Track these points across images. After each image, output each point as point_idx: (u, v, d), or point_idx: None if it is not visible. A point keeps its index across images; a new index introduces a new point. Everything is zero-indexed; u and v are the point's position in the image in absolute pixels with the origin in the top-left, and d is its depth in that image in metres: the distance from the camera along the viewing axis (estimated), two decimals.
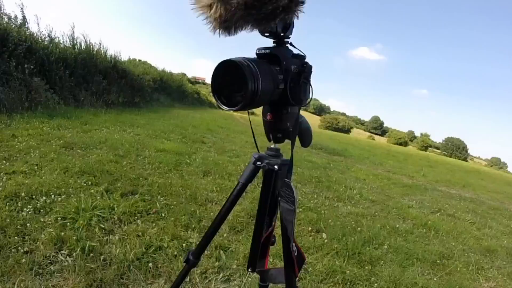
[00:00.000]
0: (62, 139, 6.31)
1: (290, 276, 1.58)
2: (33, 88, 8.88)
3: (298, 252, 1.54)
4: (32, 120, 7.22)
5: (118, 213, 3.83)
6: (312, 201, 6.10)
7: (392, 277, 3.64)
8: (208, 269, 3.18)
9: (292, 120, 1.46)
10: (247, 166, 1.60)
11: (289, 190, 1.45)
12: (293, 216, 1.47)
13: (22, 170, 4.37)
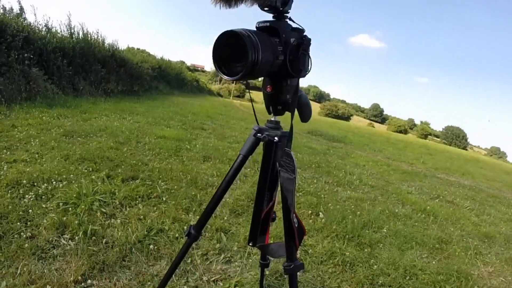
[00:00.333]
0: (62, 128, 6.31)
1: (291, 248, 1.60)
2: (31, 79, 8.86)
3: (299, 224, 1.56)
4: (32, 110, 7.21)
5: (119, 197, 3.85)
6: (312, 186, 6.13)
7: (391, 259, 3.67)
8: (209, 250, 3.21)
9: (292, 92, 1.48)
10: (247, 139, 1.63)
11: (289, 159, 1.48)
12: (293, 185, 1.49)
13: (23, 159, 4.38)
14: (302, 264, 1.61)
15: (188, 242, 1.78)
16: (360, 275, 3.27)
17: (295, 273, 1.62)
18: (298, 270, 1.61)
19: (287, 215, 1.54)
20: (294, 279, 1.63)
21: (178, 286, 2.63)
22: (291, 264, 1.59)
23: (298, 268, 1.61)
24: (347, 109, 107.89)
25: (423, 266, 3.69)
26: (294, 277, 1.63)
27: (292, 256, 1.60)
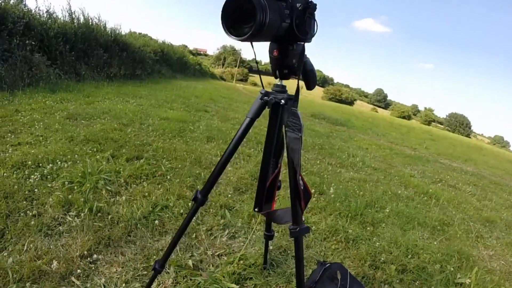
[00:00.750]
0: (66, 111, 6.31)
1: (297, 211, 1.62)
2: (34, 65, 8.83)
3: (305, 187, 1.58)
4: (35, 95, 7.20)
5: (124, 176, 3.89)
6: (315, 167, 6.18)
7: (394, 238, 3.71)
8: (213, 226, 3.25)
9: (297, 56, 1.50)
10: (254, 102, 1.64)
11: (296, 118, 1.50)
12: (299, 144, 1.51)
13: (27, 141, 4.39)
14: (308, 227, 1.63)
15: (195, 207, 1.78)
16: (363, 252, 3.31)
17: (300, 237, 1.64)
18: (303, 234, 1.63)
19: (293, 176, 1.56)
20: (299, 242, 1.65)
21: (183, 259, 2.66)
22: (296, 227, 1.61)
23: (303, 232, 1.63)
24: (350, 94, 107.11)
25: (424, 246, 3.73)
26: (300, 241, 1.65)
27: (298, 219, 1.61)
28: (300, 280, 1.68)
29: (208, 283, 2.38)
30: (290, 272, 2.76)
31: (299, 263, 1.67)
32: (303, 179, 1.58)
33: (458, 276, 3.17)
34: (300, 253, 1.66)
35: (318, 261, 2.71)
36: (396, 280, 2.97)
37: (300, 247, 1.65)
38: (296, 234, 1.62)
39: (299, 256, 1.66)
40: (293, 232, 1.62)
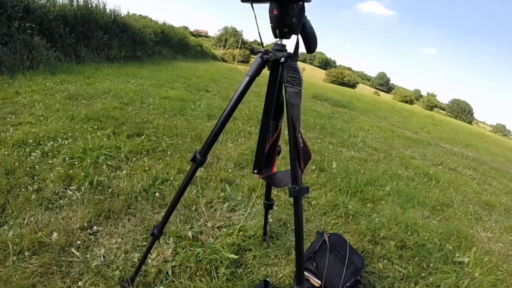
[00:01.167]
0: (66, 92, 6.28)
1: (296, 171, 1.61)
2: (34, 48, 8.77)
3: (304, 146, 1.57)
4: (35, 78, 7.13)
5: (124, 151, 3.90)
6: (316, 145, 6.22)
7: (393, 215, 3.73)
8: (213, 199, 3.28)
9: (297, 16, 1.49)
10: (254, 61, 1.63)
11: (295, 72, 1.50)
12: (299, 99, 1.50)
13: (28, 121, 4.38)
14: (307, 188, 1.61)
15: (193, 167, 1.78)
16: (362, 227, 3.33)
17: (300, 196, 1.62)
18: (303, 194, 1.61)
19: (293, 133, 1.55)
20: (299, 202, 1.63)
21: (183, 231, 2.68)
22: (296, 186, 1.59)
23: (303, 192, 1.61)
24: (353, 77, 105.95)
25: (424, 224, 3.75)
26: (299, 201, 1.63)
27: (297, 179, 1.60)
28: (299, 240, 1.67)
29: (207, 253, 2.40)
30: (290, 245, 2.78)
31: (298, 222, 1.64)
32: (302, 138, 1.56)
33: (456, 255, 3.18)
34: (299, 213, 1.63)
35: (318, 231, 2.72)
36: (395, 256, 2.99)
37: (299, 207, 1.63)
38: (295, 193, 1.60)
39: (298, 216, 1.63)
40: (292, 192, 1.60)
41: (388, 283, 2.62)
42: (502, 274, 3.11)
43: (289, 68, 1.53)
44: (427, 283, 2.71)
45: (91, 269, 2.12)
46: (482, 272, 2.97)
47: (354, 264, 2.38)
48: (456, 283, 2.73)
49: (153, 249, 2.38)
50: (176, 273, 2.24)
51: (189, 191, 3.30)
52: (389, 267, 2.84)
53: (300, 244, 1.68)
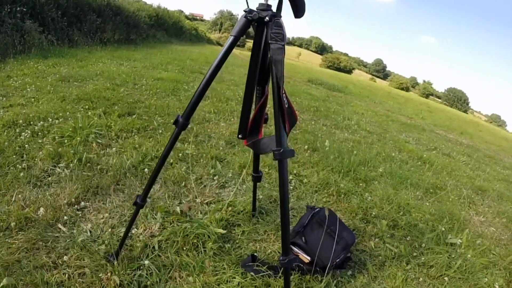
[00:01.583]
0: (58, 74, 6.20)
1: (281, 132, 1.55)
2: (25, 32, 8.65)
3: (289, 107, 1.52)
4: (27, 62, 7.01)
5: (115, 130, 3.87)
6: (309, 126, 6.18)
7: (386, 195, 3.71)
8: (203, 175, 3.25)
9: None
10: (238, 21, 1.59)
11: (278, 27, 1.46)
12: (282, 55, 1.46)
13: (19, 103, 4.31)
14: (293, 151, 1.55)
15: (176, 131, 1.72)
16: (354, 206, 3.31)
17: (284, 159, 1.56)
18: (288, 156, 1.55)
19: (277, 92, 1.50)
20: (283, 165, 1.57)
21: (171, 206, 2.66)
22: (280, 149, 1.53)
23: (288, 154, 1.55)
24: (349, 63, 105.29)
25: (416, 205, 3.73)
26: (284, 164, 1.57)
27: (282, 141, 1.54)
28: (285, 206, 1.61)
29: (194, 227, 2.37)
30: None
31: (283, 187, 1.57)
32: (287, 98, 1.51)
33: (449, 236, 3.15)
34: (284, 176, 1.57)
35: (308, 205, 2.69)
36: (387, 235, 2.96)
37: (284, 170, 1.57)
38: (280, 156, 1.55)
39: (283, 180, 1.57)
40: (276, 154, 1.54)
41: (379, 262, 2.59)
42: (495, 257, 3.09)
43: (273, 23, 1.48)
44: (418, 262, 2.69)
45: (77, 244, 2.08)
46: (474, 254, 2.94)
47: (344, 239, 2.34)
48: (448, 264, 2.71)
49: (140, 224, 2.37)
50: (163, 247, 2.22)
51: (179, 168, 3.27)
52: (381, 245, 2.82)
53: (285, 210, 1.62)
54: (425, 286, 2.46)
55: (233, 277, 2.04)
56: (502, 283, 2.66)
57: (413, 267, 2.63)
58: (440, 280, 2.53)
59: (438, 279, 2.55)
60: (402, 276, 2.45)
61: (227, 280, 2.02)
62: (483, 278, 2.63)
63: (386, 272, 2.50)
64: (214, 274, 2.06)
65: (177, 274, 2.03)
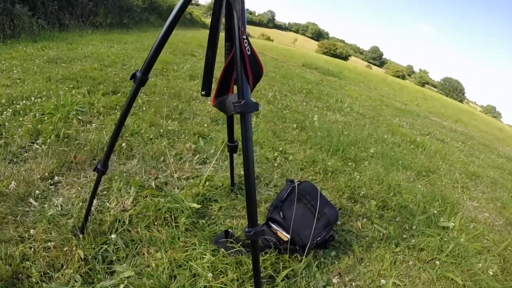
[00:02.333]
0: (46, 56, 6.05)
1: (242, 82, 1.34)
2: (15, 16, 8.51)
3: (253, 54, 1.33)
4: (16, 46, 6.83)
5: (97, 107, 3.76)
6: (300, 107, 6.08)
7: (376, 175, 3.60)
8: (183, 151, 3.15)
9: None
10: None
11: None
12: None
13: (4, 84, 4.16)
14: (257, 104, 1.34)
15: (134, 87, 1.63)
16: (342, 184, 3.21)
17: (247, 113, 1.33)
18: (252, 110, 1.33)
19: (238, 36, 1.33)
20: (246, 121, 1.34)
21: (147, 181, 2.56)
22: (241, 101, 1.32)
23: (251, 107, 1.33)
24: (345, 49, 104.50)
25: (408, 187, 3.63)
26: (247, 119, 1.34)
27: (244, 93, 1.33)
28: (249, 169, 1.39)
29: (167, 202, 2.26)
30: (261, 198, 2.67)
31: (247, 145, 1.35)
32: (251, 45, 1.32)
33: (441, 219, 3.05)
34: (247, 133, 1.34)
35: (287, 178, 2.54)
36: (376, 215, 2.86)
37: (247, 127, 1.34)
38: (241, 108, 1.32)
39: (246, 137, 1.34)
40: (237, 107, 1.32)
41: (366, 243, 2.48)
42: (488, 242, 2.99)
43: None
44: (408, 245, 2.58)
45: (46, 218, 1.99)
46: (467, 238, 2.84)
47: (326, 216, 2.18)
48: (440, 247, 2.60)
49: (113, 198, 2.27)
50: (134, 222, 2.12)
51: (158, 143, 3.18)
52: (369, 226, 2.71)
53: (249, 174, 1.41)
54: (415, 269, 2.34)
55: (203, 254, 1.93)
56: (496, 269, 2.55)
57: (403, 249, 2.51)
58: (431, 264, 2.42)
59: (429, 263, 2.44)
60: (391, 259, 2.34)
61: (197, 257, 1.91)
62: (476, 264, 2.52)
63: (373, 254, 2.38)
64: (184, 250, 1.96)
65: (145, 249, 1.93)
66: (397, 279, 2.19)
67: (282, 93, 7.06)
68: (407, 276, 2.26)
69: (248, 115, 1.34)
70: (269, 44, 33.21)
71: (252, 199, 1.45)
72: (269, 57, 16.48)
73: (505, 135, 20.31)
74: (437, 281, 2.27)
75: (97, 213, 2.13)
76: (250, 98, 1.36)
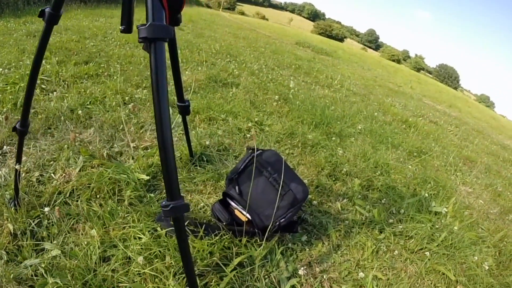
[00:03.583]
0: (26, 30, 5.74)
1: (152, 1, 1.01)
2: None
3: None
4: None
5: (65, 76, 3.49)
6: (286, 81, 5.77)
7: (362, 152, 3.35)
8: (146, 119, 2.93)
9: None
10: None
11: None
12: None
13: None
14: (171, 29, 1.02)
15: (45, 25, 1.33)
16: (321, 159, 2.94)
17: (158, 41, 0.98)
18: (163, 36, 0.99)
19: None
20: (157, 51, 0.98)
21: (99, 150, 2.32)
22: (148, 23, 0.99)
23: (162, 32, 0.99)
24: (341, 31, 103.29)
25: (397, 167, 3.38)
26: (159, 49, 0.99)
27: (156, 15, 1.01)
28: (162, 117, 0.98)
29: (114, 172, 2.00)
30: (225, 171, 2.38)
31: (157, 80, 0.99)
32: None
33: (432, 204, 2.75)
34: (158, 67, 0.99)
35: (248, 146, 2.20)
36: (359, 196, 2.58)
37: (157, 57, 1.00)
38: (149, 34, 0.98)
39: (157, 72, 0.99)
40: (141, 31, 0.98)
41: (345, 227, 2.17)
42: (483, 232, 2.71)
43: None
44: (395, 231, 2.27)
45: None
46: (461, 226, 2.55)
47: (291, 193, 1.81)
48: (431, 235, 2.31)
49: (58, 169, 2.03)
50: (75, 194, 1.86)
51: (120, 111, 2.90)
52: (349, 208, 2.42)
53: (164, 123, 1.00)
54: (400, 261, 2.04)
55: (143, 232, 1.66)
56: (492, 263, 2.23)
57: (388, 236, 2.21)
58: (420, 255, 2.12)
59: (417, 253, 2.14)
60: (373, 247, 2.04)
61: (133, 237, 1.64)
62: (471, 256, 2.22)
63: (353, 240, 2.08)
64: (122, 227, 1.69)
65: (81, 226, 1.68)
66: (379, 271, 1.90)
67: (269, 67, 6.78)
68: (391, 269, 1.96)
69: (159, 43, 1.00)
70: (264, 23, 32.85)
71: (169, 162, 1.04)
72: (261, 34, 16.14)
73: (498, 123, 20.27)
74: (426, 276, 1.98)
75: (38, 185, 1.90)
76: (164, 22, 1.02)
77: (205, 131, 2.85)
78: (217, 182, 2.25)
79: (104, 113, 2.83)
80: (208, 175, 2.28)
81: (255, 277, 1.63)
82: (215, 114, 3.30)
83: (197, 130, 2.91)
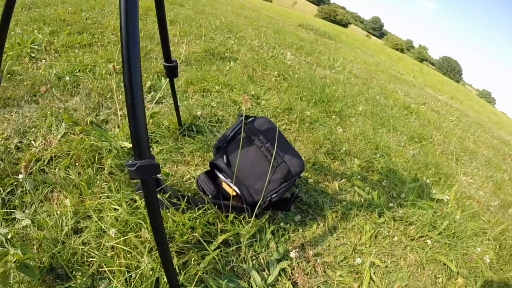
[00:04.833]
0: (21, 2, 5.62)
1: None
2: None
3: None
4: None
5: (56, 46, 3.38)
6: (287, 59, 5.64)
7: (362, 134, 3.27)
8: None
9: None
10: None
11: None
12: None
13: None
14: None
15: None
16: (320, 136, 2.85)
17: None
18: None
19: None
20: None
21: (84, 117, 2.22)
22: None
23: None
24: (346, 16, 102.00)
25: (397, 150, 3.30)
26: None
27: None
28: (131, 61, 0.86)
29: (96, 140, 1.90)
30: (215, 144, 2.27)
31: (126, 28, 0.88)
32: None
33: (434, 191, 2.68)
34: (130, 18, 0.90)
35: (239, 113, 2.06)
36: (358, 177, 2.50)
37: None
38: None
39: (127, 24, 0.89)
40: None
41: (342, 208, 2.10)
42: (484, 223, 2.63)
43: None
44: (395, 216, 2.20)
45: None
46: (463, 216, 2.49)
47: (285, 165, 1.64)
48: (432, 223, 2.23)
49: (39, 136, 1.94)
50: (53, 162, 1.76)
51: (110, 79, 2.82)
52: (348, 189, 2.34)
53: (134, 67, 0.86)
54: (400, 248, 1.97)
55: (120, 203, 1.54)
56: (492, 256, 2.17)
57: (387, 221, 2.13)
58: (421, 243, 2.05)
59: (418, 241, 2.07)
60: (371, 231, 1.98)
61: (109, 208, 1.53)
62: (473, 247, 2.15)
63: (350, 223, 2.00)
64: (98, 197, 1.58)
65: (55, 195, 1.57)
66: (377, 258, 1.82)
67: (270, 45, 6.61)
68: (390, 255, 1.88)
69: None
70: (267, 4, 32.61)
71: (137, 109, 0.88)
72: (264, 14, 15.90)
73: (499, 119, 20.43)
74: (427, 265, 1.90)
75: (17, 152, 1.80)
76: None
77: (198, 102, 2.75)
78: (206, 153, 2.15)
79: (92, 80, 2.71)
80: (197, 145, 2.19)
81: (241, 258, 1.52)
82: (209, 85, 3.19)
83: (190, 101, 2.81)
